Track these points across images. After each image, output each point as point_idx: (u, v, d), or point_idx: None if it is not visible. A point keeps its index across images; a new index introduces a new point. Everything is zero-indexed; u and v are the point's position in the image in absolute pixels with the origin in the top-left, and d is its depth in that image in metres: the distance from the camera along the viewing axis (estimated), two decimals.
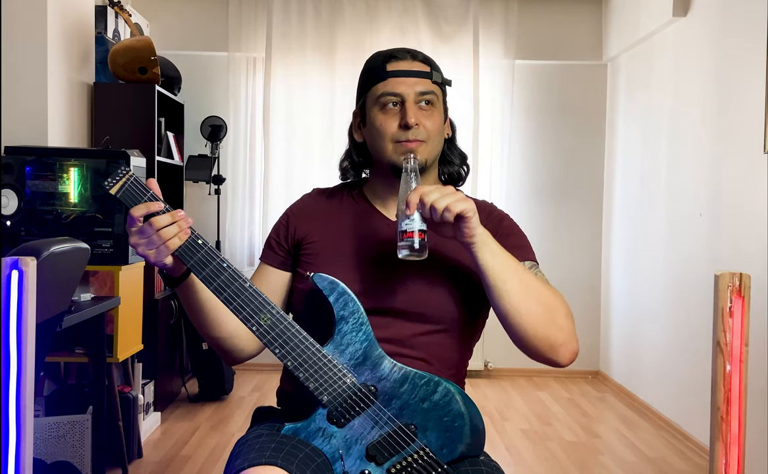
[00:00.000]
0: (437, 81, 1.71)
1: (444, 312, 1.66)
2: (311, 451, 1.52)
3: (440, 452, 1.57)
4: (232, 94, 5.85)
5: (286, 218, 1.80)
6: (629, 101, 5.58)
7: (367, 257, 1.69)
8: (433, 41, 5.79)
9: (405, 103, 1.67)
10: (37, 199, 3.75)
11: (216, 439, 4.35)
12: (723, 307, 1.44)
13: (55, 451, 3.48)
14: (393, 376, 1.56)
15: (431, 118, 1.68)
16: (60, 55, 4.24)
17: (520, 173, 6.04)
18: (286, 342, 1.53)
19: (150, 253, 1.52)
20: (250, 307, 1.53)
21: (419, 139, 1.66)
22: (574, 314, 1.65)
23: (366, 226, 1.74)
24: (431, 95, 1.69)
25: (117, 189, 1.53)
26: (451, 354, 1.70)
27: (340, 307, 1.56)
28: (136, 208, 1.52)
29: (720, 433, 1.45)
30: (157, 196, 1.54)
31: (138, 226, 1.51)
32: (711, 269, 3.95)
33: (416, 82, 1.68)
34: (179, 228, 1.52)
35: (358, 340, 1.57)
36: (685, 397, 4.47)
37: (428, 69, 1.71)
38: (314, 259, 1.71)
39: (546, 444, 4.36)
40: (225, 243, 5.83)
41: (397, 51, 1.72)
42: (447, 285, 1.67)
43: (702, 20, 4.35)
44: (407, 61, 1.70)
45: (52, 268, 2.43)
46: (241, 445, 1.59)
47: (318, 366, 1.53)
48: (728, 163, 3.99)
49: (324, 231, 1.74)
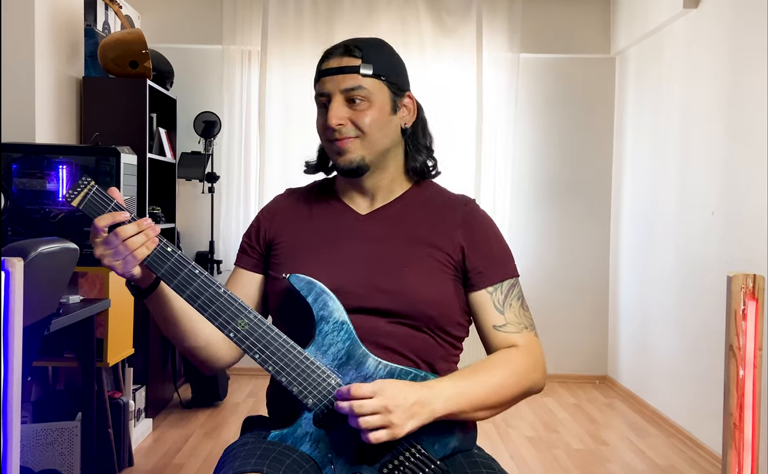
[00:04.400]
0: (367, 73, 1.66)
1: (421, 309, 1.64)
2: (298, 456, 1.52)
3: (432, 448, 1.58)
4: (226, 88, 5.81)
5: (258, 221, 1.82)
6: (638, 96, 5.55)
7: (339, 255, 1.68)
8: (434, 34, 5.76)
9: (331, 102, 1.68)
10: (24, 198, 3.71)
11: (209, 446, 4.32)
12: (736, 310, 1.43)
13: (43, 459, 3.48)
14: (378, 374, 1.56)
15: (365, 113, 1.66)
16: (48, 48, 4.21)
17: (525, 171, 6.00)
18: (265, 346, 1.52)
19: (116, 263, 1.51)
20: (226, 313, 1.52)
21: (348, 136, 1.66)
22: (581, 316, 1.61)
23: (336, 222, 1.74)
24: (359, 90, 1.66)
25: (79, 200, 1.52)
26: (434, 351, 1.67)
27: (319, 307, 1.56)
28: (100, 218, 1.51)
29: (733, 440, 1.43)
30: (121, 205, 1.53)
31: (103, 237, 1.50)
32: (723, 270, 3.95)
33: (342, 78, 1.66)
34: (146, 237, 1.51)
35: (340, 339, 1.56)
36: (697, 402, 4.43)
37: (357, 62, 1.67)
38: (285, 259, 1.71)
39: (552, 452, 4.33)
40: (219, 243, 5.80)
41: (334, 47, 1.72)
42: (423, 281, 1.65)
43: (714, 12, 4.32)
44: (336, 57, 1.69)
45: (40, 269, 2.41)
46: (227, 454, 1.60)
47: (300, 369, 1.53)
48: (741, 160, 3.96)
49: (295, 231, 1.75)
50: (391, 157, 1.73)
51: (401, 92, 1.71)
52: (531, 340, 1.69)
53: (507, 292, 1.69)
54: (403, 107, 1.73)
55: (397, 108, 1.71)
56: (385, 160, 1.71)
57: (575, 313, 5.92)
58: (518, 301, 1.70)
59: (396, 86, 1.70)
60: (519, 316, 1.68)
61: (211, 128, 5.53)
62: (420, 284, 1.63)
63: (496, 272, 1.69)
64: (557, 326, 5.82)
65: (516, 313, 1.68)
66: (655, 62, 5.22)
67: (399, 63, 1.74)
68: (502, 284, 1.68)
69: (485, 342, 1.71)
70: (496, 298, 1.68)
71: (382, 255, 1.66)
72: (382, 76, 1.67)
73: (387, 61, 1.70)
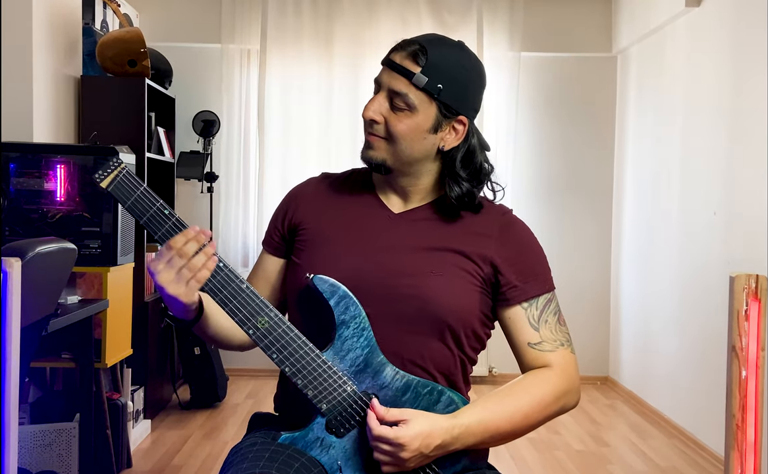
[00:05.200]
0: (419, 85, 1.57)
1: (439, 316, 1.59)
2: (307, 460, 1.49)
3: (443, 464, 1.55)
4: (225, 87, 5.79)
5: (287, 201, 1.76)
6: (640, 95, 5.54)
7: (363, 252, 1.63)
8: (435, 33, 5.65)
9: (377, 94, 1.63)
10: (21, 198, 3.69)
11: (208, 447, 4.31)
12: (738, 310, 1.43)
13: (41, 461, 3.46)
14: (395, 385, 1.54)
15: (401, 120, 1.59)
16: (46, 47, 4.20)
17: (526, 170, 5.99)
18: (284, 346, 1.50)
19: (181, 291, 1.45)
20: (247, 309, 1.49)
21: (378, 135, 1.61)
22: (583, 316, 1.59)
23: (366, 217, 1.68)
24: (404, 97, 1.58)
25: (108, 182, 1.44)
26: (449, 361, 1.63)
27: (341, 311, 1.53)
28: (175, 239, 1.45)
29: (735, 442, 1.43)
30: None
31: (168, 256, 1.43)
32: (726, 270, 3.94)
33: (395, 78, 1.59)
34: (206, 255, 1.46)
35: (360, 345, 1.53)
36: (699, 403, 4.42)
37: (416, 69, 1.57)
38: (308, 246, 1.66)
39: (553, 453, 4.32)
40: (218, 243, 5.79)
41: (408, 41, 1.62)
42: (446, 289, 1.60)
43: (716, 10, 4.31)
44: (401, 53, 1.60)
45: (38, 269, 2.40)
46: (235, 454, 1.56)
47: (317, 372, 1.50)
48: (744, 160, 3.95)
49: (321, 218, 1.69)
50: (423, 171, 1.65)
51: (453, 114, 1.60)
52: (566, 358, 1.64)
53: (543, 307, 1.64)
54: (451, 129, 1.62)
55: (439, 128, 1.61)
56: (413, 168, 1.64)
57: (576, 313, 5.87)
58: (554, 316, 1.65)
59: (448, 107, 1.59)
60: (555, 333, 1.64)
61: (210, 127, 5.53)
62: (441, 292, 1.58)
63: (531, 287, 1.64)
64: None
65: (552, 330, 1.64)
66: (656, 61, 5.21)
67: (466, 84, 1.61)
68: (537, 299, 1.64)
69: (519, 359, 1.66)
70: (531, 314, 1.63)
71: (407, 257, 1.61)
72: (435, 93, 1.57)
73: (451, 78, 1.58)
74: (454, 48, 1.63)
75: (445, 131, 1.61)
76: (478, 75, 1.64)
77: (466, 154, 1.64)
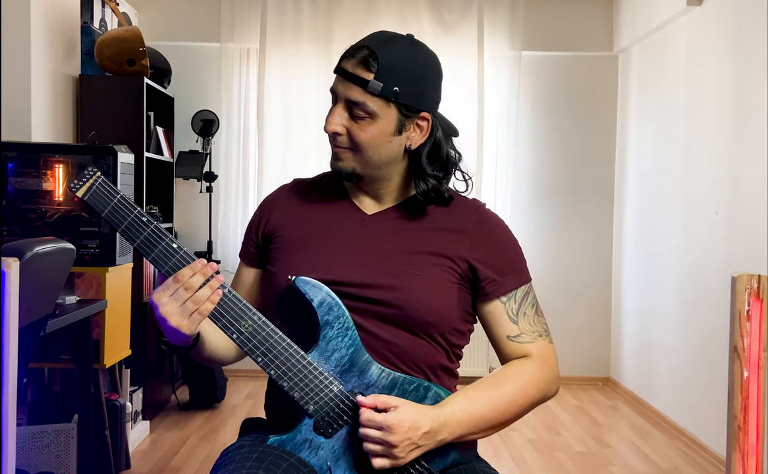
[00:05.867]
0: (374, 91, 1.54)
1: (420, 315, 1.59)
2: (296, 461, 1.50)
3: (432, 460, 1.56)
4: (224, 87, 5.80)
5: (260, 211, 1.76)
6: (641, 94, 5.54)
7: (339, 254, 1.63)
8: (435, 32, 5.74)
9: (334, 106, 1.60)
10: (20, 197, 3.69)
11: (207, 449, 4.30)
12: (740, 311, 1.43)
13: (39, 462, 3.47)
14: (381, 383, 1.54)
15: (363, 129, 1.57)
16: (44, 46, 4.20)
17: (527, 171, 5.99)
18: (268, 349, 1.49)
19: (184, 324, 1.44)
20: (230, 314, 1.49)
21: (343, 146, 1.60)
22: (584, 317, 1.58)
23: (340, 220, 1.68)
24: (362, 106, 1.55)
25: (84, 191, 1.44)
26: (433, 358, 1.63)
27: (324, 312, 1.53)
28: (182, 273, 1.45)
29: (737, 443, 1.44)
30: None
31: (174, 288, 1.43)
32: (727, 270, 3.96)
33: (350, 88, 1.56)
34: (210, 289, 1.46)
35: (344, 345, 1.54)
36: (700, 404, 4.41)
37: (369, 76, 1.54)
38: (283, 253, 1.66)
39: (554, 454, 4.32)
40: (217, 243, 5.79)
41: (356, 47, 1.59)
42: (423, 287, 1.60)
43: (718, 9, 4.31)
44: (352, 61, 1.57)
45: (36, 269, 2.41)
46: (224, 457, 1.58)
47: (303, 374, 1.50)
48: (745, 159, 3.95)
49: (296, 224, 1.69)
50: (393, 171, 1.64)
51: (414, 113, 1.59)
52: (545, 348, 1.66)
53: (521, 300, 1.65)
54: (415, 127, 1.61)
55: (403, 128, 1.59)
56: (383, 171, 1.63)
57: (578, 314, 5.90)
58: (532, 308, 1.66)
59: (408, 107, 1.58)
60: (533, 325, 1.66)
61: (209, 127, 5.52)
62: (420, 290, 1.58)
63: (509, 281, 1.64)
64: (559, 327, 5.76)
65: (530, 322, 1.65)
66: (658, 60, 5.20)
67: (422, 80, 1.60)
68: (516, 292, 1.65)
69: (499, 352, 1.68)
70: (510, 307, 1.64)
71: (383, 258, 1.60)
72: (392, 97, 1.55)
73: (406, 77, 1.56)
74: (405, 45, 1.60)
75: (409, 130, 1.61)
76: (433, 67, 1.64)
77: (432, 148, 1.63)
